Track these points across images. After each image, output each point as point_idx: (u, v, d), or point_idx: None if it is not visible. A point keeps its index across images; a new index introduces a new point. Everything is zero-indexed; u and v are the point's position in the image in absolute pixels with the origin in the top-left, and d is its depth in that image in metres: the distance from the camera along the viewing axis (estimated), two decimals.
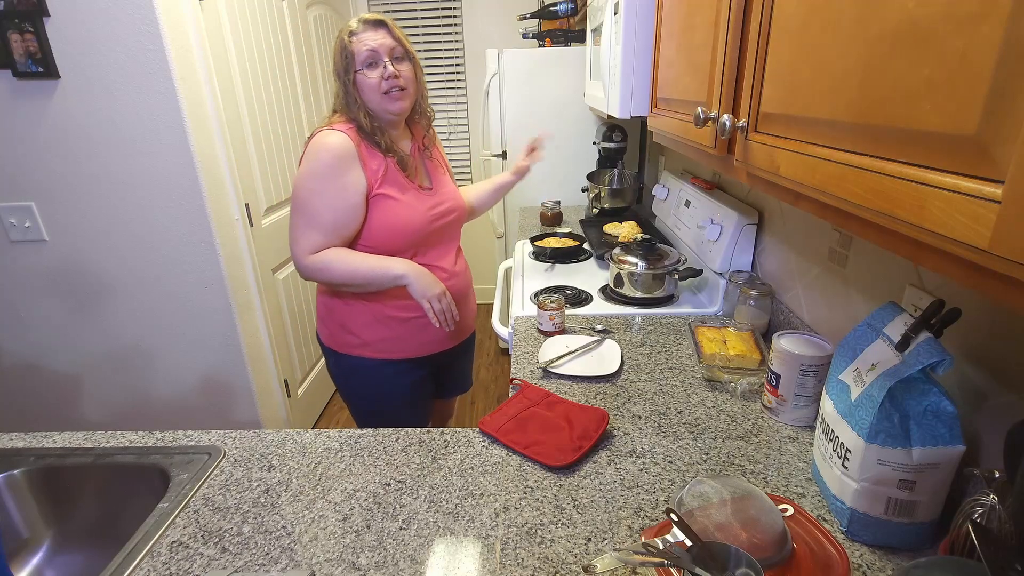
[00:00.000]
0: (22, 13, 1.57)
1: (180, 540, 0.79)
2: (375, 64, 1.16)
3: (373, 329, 1.29)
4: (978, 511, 0.59)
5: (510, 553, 0.73)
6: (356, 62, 1.16)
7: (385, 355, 1.31)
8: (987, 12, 0.35)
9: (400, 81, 1.17)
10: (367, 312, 1.28)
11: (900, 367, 0.67)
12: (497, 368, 3.04)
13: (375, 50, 1.15)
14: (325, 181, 1.15)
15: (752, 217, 1.39)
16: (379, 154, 1.20)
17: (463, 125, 3.49)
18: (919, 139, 0.42)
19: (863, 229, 0.52)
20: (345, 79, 1.17)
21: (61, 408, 2.08)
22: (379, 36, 1.16)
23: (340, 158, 1.15)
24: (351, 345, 1.31)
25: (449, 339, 1.38)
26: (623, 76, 1.41)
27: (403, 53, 1.19)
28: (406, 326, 1.30)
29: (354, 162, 1.17)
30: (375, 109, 1.20)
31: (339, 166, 1.15)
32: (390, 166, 1.21)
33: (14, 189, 1.77)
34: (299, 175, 1.18)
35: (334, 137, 1.16)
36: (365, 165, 1.18)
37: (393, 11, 3.23)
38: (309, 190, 1.17)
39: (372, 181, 1.19)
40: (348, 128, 1.18)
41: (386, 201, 1.20)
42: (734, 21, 0.77)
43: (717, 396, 1.06)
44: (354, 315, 1.29)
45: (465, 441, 0.97)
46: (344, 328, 1.30)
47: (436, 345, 1.36)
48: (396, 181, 1.22)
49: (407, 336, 1.31)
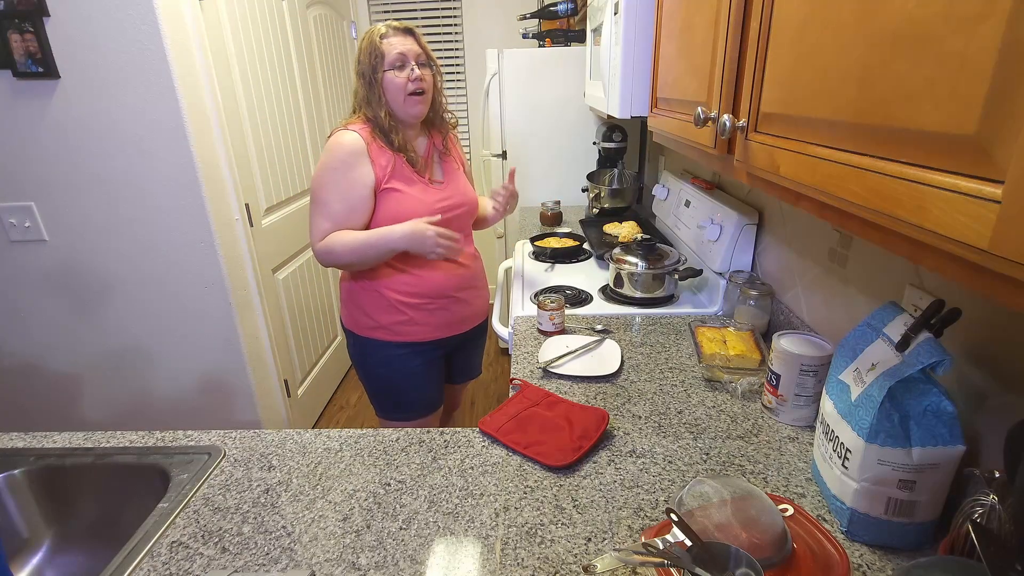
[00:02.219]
0: (22, 13, 1.57)
1: (180, 540, 0.79)
2: (402, 67, 1.25)
3: (388, 313, 1.37)
4: (978, 511, 0.59)
5: (510, 553, 0.73)
6: (385, 62, 1.25)
7: (399, 337, 1.39)
8: (987, 12, 0.35)
9: (423, 85, 1.28)
10: (380, 297, 1.37)
11: (900, 367, 0.67)
12: (497, 368, 3.04)
13: (404, 54, 1.25)
14: (336, 175, 1.26)
15: (752, 217, 1.39)
16: (389, 151, 1.29)
17: (463, 125, 3.49)
18: (919, 139, 0.42)
19: (863, 229, 0.52)
20: (372, 77, 1.26)
21: (61, 408, 2.08)
22: (408, 42, 1.27)
23: (351, 154, 1.26)
24: (368, 327, 1.39)
25: (460, 324, 1.46)
26: (623, 76, 1.41)
27: (426, 60, 1.30)
28: (418, 311, 1.38)
29: (363, 158, 1.26)
30: (396, 109, 1.29)
31: (350, 162, 1.26)
32: (398, 162, 1.29)
33: (14, 189, 1.77)
34: (316, 171, 1.30)
35: (347, 136, 1.26)
36: (374, 161, 1.27)
37: (393, 11, 3.24)
38: (322, 183, 1.28)
39: (380, 176, 1.28)
40: (362, 128, 1.28)
41: (393, 194, 1.29)
42: (734, 21, 0.77)
43: (717, 396, 1.06)
44: (371, 299, 1.38)
45: (465, 441, 0.97)
46: (362, 311, 1.39)
47: (448, 329, 1.43)
48: (404, 176, 1.30)
49: (419, 320, 1.39)
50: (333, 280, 2.83)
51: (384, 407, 1.51)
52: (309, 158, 2.55)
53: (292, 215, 2.37)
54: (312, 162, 2.57)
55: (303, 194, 2.48)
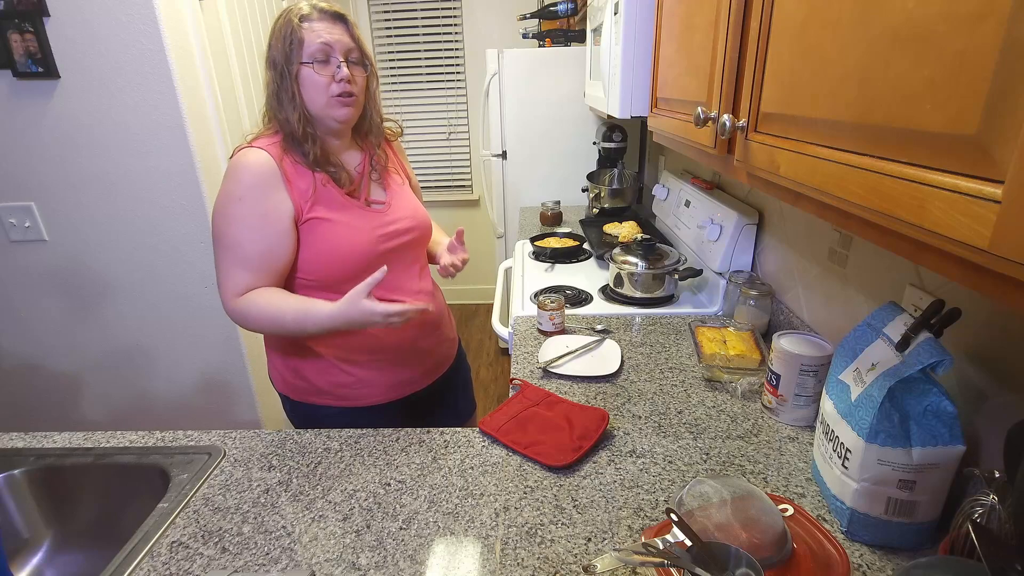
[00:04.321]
0: (22, 13, 1.57)
1: (180, 540, 0.79)
2: (326, 61, 0.99)
3: (329, 375, 1.10)
4: (978, 511, 0.59)
5: (510, 553, 0.73)
6: (304, 53, 0.98)
7: (346, 402, 1.12)
8: (987, 12, 0.35)
9: (352, 88, 1.00)
10: (319, 357, 1.09)
11: (900, 367, 0.67)
12: (497, 368, 3.04)
13: (330, 44, 0.98)
14: (243, 207, 0.98)
15: (752, 217, 1.39)
16: (308, 171, 1.02)
17: (463, 125, 3.49)
18: (919, 139, 0.42)
19: (863, 229, 0.52)
20: (285, 69, 0.98)
21: (61, 408, 2.08)
22: (336, 31, 0.99)
23: (259, 178, 0.98)
24: (305, 391, 1.12)
25: (424, 377, 1.20)
26: (623, 76, 1.41)
27: (359, 57, 1.03)
28: (367, 369, 1.11)
29: (277, 183, 0.99)
30: (316, 112, 1.01)
31: (260, 188, 0.98)
32: (321, 184, 1.03)
33: (14, 189, 1.77)
34: (217, 202, 1.00)
35: (253, 155, 0.99)
36: (291, 185, 1.00)
37: (393, 11, 3.23)
38: (227, 217, 0.99)
39: (300, 204, 1.01)
40: (271, 143, 1.01)
41: (320, 225, 1.02)
42: (734, 21, 0.77)
43: (717, 396, 1.06)
44: (304, 359, 1.09)
45: (465, 441, 0.97)
46: (295, 372, 1.12)
47: (409, 386, 1.17)
48: (331, 200, 1.03)
49: (370, 380, 1.12)
50: None
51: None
52: None
53: None
54: None
55: None
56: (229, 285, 1.01)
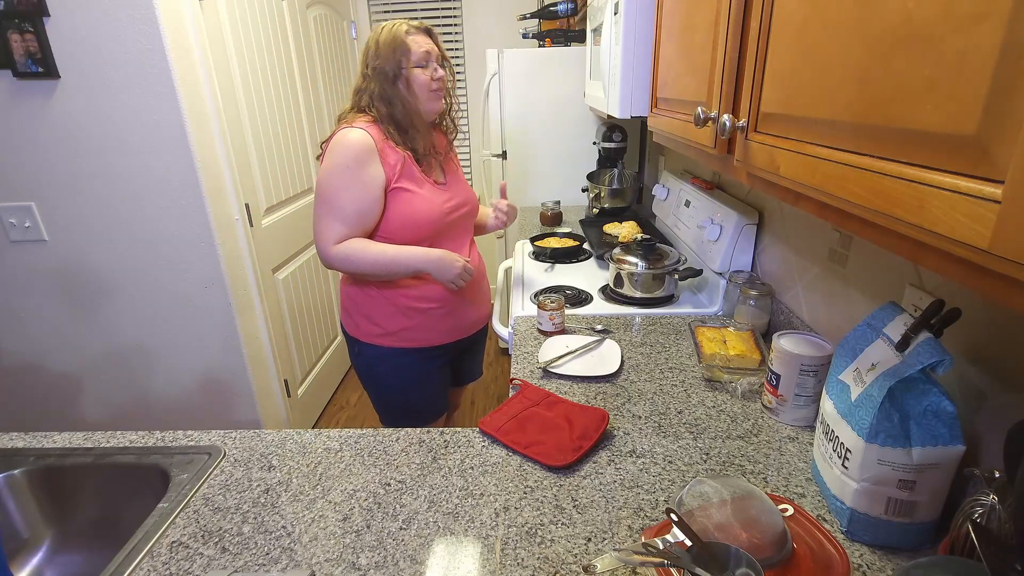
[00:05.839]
0: (22, 13, 1.57)
1: (180, 540, 0.79)
2: (426, 65, 1.25)
3: (395, 319, 1.35)
4: (978, 511, 0.59)
5: (510, 553, 0.73)
6: (412, 58, 1.23)
7: (407, 343, 1.37)
8: (987, 12, 0.35)
9: (445, 84, 1.29)
10: (388, 303, 1.34)
11: (900, 367, 0.67)
12: (497, 368, 3.04)
13: (429, 52, 1.25)
14: (347, 174, 1.22)
15: (752, 217, 1.39)
16: (397, 150, 1.26)
17: (463, 125, 3.49)
18: (919, 139, 0.42)
19: (863, 229, 0.52)
20: (394, 72, 1.23)
21: (61, 408, 2.08)
22: (430, 42, 1.27)
23: (362, 153, 1.22)
24: (374, 334, 1.37)
25: (467, 328, 1.45)
26: (623, 76, 1.41)
27: (443, 61, 1.30)
28: (426, 316, 1.36)
29: (374, 157, 1.23)
30: (419, 107, 1.27)
31: (361, 161, 1.22)
32: (407, 161, 1.27)
33: (14, 189, 1.77)
34: (323, 170, 1.25)
35: (355, 134, 1.22)
36: (384, 160, 1.24)
37: (393, 11, 3.24)
38: (333, 185, 1.23)
39: (390, 175, 1.25)
40: (368, 125, 1.25)
41: (404, 194, 1.27)
42: (734, 21, 0.77)
43: (717, 396, 1.06)
44: (377, 306, 1.35)
45: (465, 441, 0.97)
46: (367, 318, 1.36)
47: (456, 333, 1.43)
48: (412, 175, 1.28)
49: (428, 325, 1.37)
50: (333, 280, 2.83)
51: (392, 415, 1.48)
52: (309, 158, 2.55)
53: (292, 215, 2.37)
54: (312, 162, 2.57)
55: (303, 194, 2.48)
56: (330, 235, 1.25)
